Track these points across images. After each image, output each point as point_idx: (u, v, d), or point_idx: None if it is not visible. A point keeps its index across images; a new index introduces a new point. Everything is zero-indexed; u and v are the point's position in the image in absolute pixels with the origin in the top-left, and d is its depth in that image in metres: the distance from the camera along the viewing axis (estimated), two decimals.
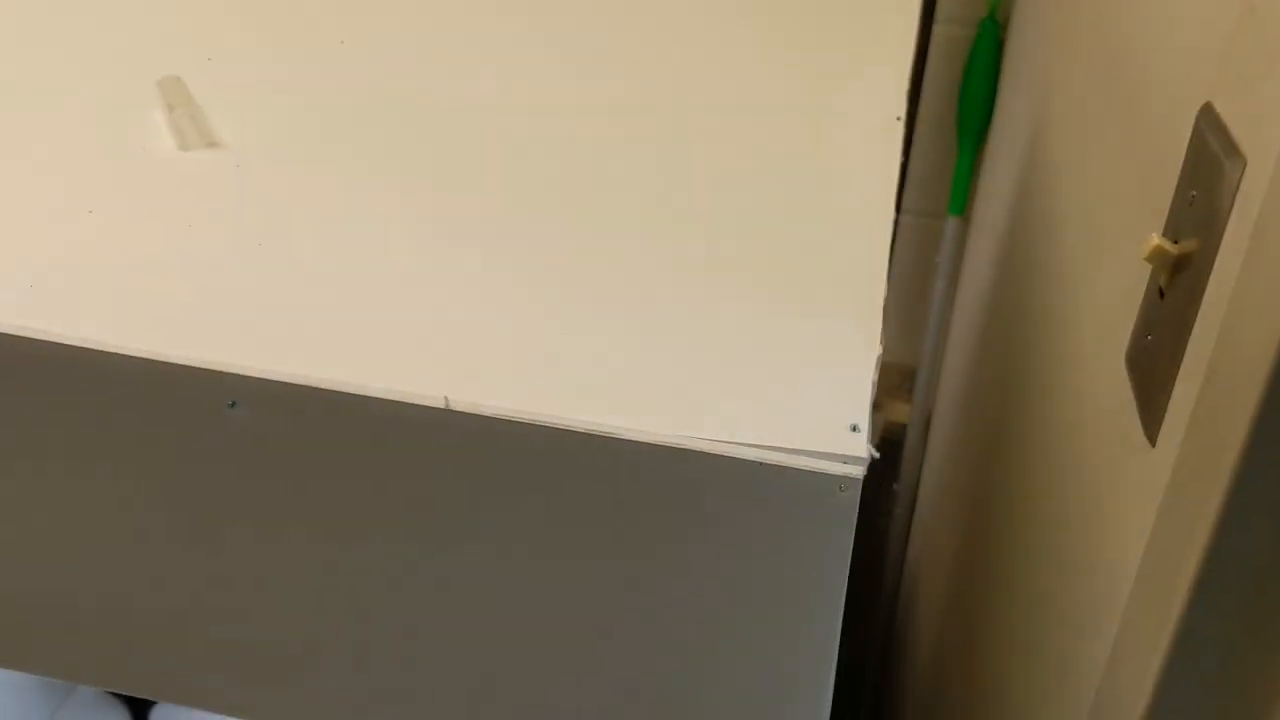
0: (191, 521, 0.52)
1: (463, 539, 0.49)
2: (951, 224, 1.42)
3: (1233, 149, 0.51)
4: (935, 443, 1.49)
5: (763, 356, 0.48)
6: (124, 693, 0.60)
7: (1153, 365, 0.58)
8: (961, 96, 1.36)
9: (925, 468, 1.54)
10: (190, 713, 1.24)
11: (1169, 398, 0.56)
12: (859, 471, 0.43)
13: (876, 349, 0.48)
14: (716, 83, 0.69)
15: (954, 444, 1.28)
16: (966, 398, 1.23)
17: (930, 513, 1.44)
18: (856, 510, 0.44)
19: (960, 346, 1.38)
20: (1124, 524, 0.58)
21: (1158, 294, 0.59)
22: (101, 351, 0.48)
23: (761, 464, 0.44)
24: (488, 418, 0.46)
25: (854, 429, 0.45)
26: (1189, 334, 0.55)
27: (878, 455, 0.42)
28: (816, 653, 0.47)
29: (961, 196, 1.41)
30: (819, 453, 0.44)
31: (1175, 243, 0.57)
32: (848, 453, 0.44)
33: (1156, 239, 0.57)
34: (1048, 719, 0.67)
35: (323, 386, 0.47)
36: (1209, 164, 0.54)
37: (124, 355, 0.48)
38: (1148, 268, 0.62)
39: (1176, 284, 0.57)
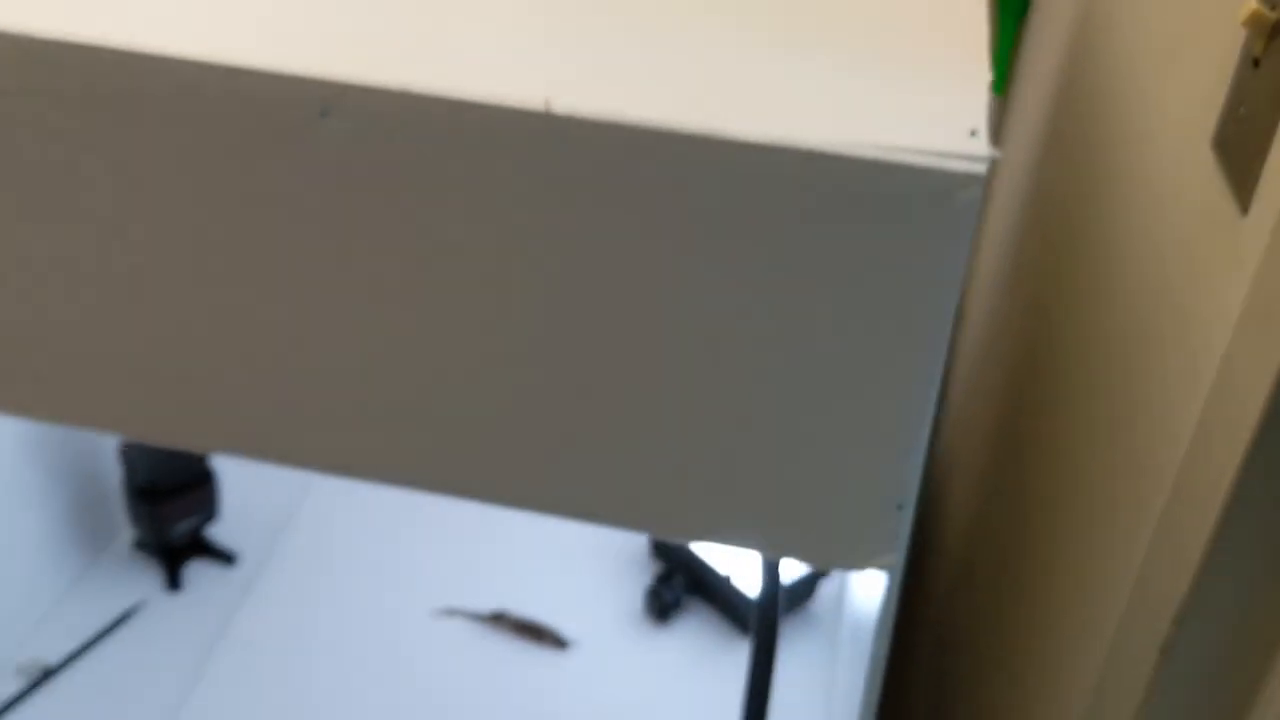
0: (277, 247, 0.50)
1: (563, 252, 0.48)
2: (992, 103, 1.40)
3: None
4: (973, 319, 1.48)
5: (874, 70, 0.47)
6: (199, 450, 0.59)
7: (1245, 136, 0.58)
8: None
9: (961, 346, 1.53)
10: (224, 573, 1.24)
11: (1263, 163, 0.55)
12: (981, 168, 0.42)
13: (987, 72, 0.47)
14: None
15: (994, 317, 1.27)
16: (1009, 268, 1.21)
17: (964, 395, 1.43)
18: (977, 213, 0.43)
19: (1000, 223, 1.36)
20: (1212, 292, 0.57)
21: (1251, 65, 0.58)
22: (184, 60, 0.47)
23: (880, 162, 0.43)
24: (591, 121, 0.44)
25: (973, 134, 0.44)
26: None
27: (999, 155, 0.41)
28: (925, 360, 0.46)
29: (1002, 75, 1.38)
30: (939, 151, 0.43)
31: (1273, 8, 0.56)
32: (968, 152, 0.42)
33: (1254, 3, 0.56)
34: (1113, 489, 0.66)
35: (419, 92, 0.45)
36: None
37: (209, 64, 0.46)
38: (1232, 51, 0.60)
39: (1273, 50, 0.56)
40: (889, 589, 0.54)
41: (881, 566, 0.51)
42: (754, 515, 0.52)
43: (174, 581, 1.22)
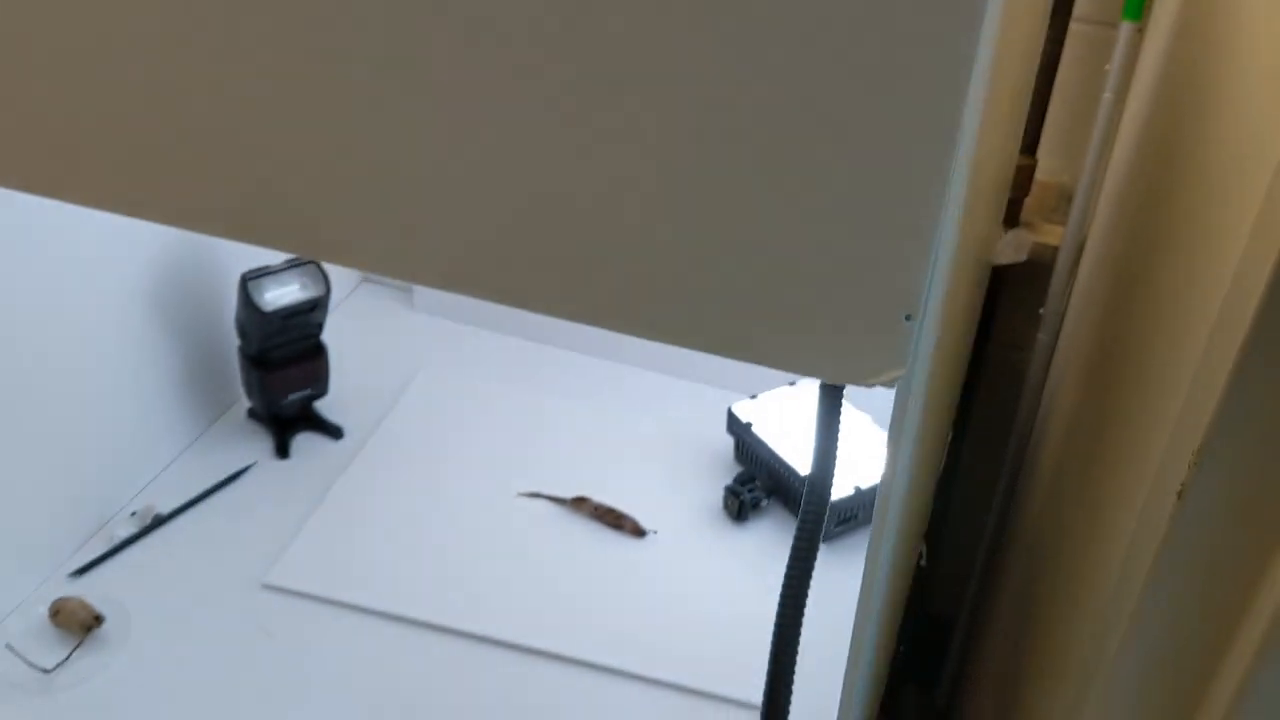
0: (350, 41, 0.53)
1: (576, 26, 0.49)
2: (1125, 29, 1.35)
3: None
4: (1086, 267, 1.43)
5: None
6: (269, 247, 0.62)
7: None
8: None
9: (1074, 294, 1.49)
10: (330, 446, 1.30)
11: None
12: None
13: None
14: None
15: (1106, 258, 1.24)
16: (1126, 183, 1.18)
17: (1073, 338, 1.40)
18: None
19: (1122, 162, 1.32)
20: None
21: None
22: None
23: None
24: None
25: None
26: None
27: None
28: (933, 156, 0.46)
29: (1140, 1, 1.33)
30: None
31: None
32: None
33: None
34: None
35: None
36: None
37: None
38: None
39: None
40: (898, 407, 0.54)
41: (889, 382, 0.51)
42: (761, 325, 0.52)
43: (283, 450, 1.28)
